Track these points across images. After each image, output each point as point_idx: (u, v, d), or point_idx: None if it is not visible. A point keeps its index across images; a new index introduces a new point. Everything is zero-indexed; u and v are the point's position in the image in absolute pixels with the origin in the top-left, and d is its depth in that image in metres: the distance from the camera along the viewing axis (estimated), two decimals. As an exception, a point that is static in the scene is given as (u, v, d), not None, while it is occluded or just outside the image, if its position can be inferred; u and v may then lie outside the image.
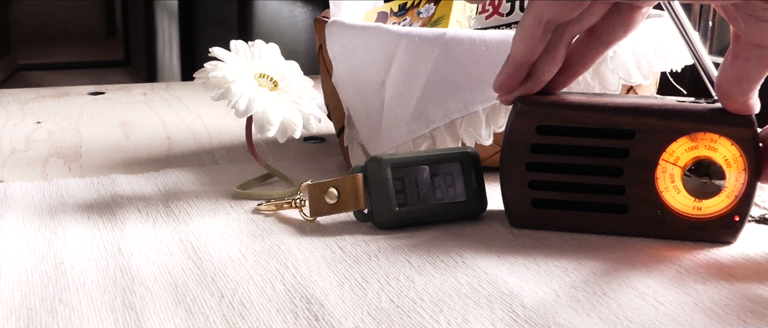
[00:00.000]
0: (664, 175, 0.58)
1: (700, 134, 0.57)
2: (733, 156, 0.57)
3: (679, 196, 0.58)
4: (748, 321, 0.48)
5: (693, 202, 0.58)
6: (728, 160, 0.57)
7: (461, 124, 0.70)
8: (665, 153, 0.58)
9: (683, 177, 0.58)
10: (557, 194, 0.60)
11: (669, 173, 0.58)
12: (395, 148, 0.71)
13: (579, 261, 0.56)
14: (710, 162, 0.57)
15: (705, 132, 0.57)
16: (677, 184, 0.58)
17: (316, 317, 0.48)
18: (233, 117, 0.70)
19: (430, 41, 0.69)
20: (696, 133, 0.57)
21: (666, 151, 0.58)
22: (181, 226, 0.63)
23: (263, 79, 0.72)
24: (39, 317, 0.48)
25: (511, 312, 0.49)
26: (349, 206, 0.62)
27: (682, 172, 0.58)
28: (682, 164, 0.58)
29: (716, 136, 0.57)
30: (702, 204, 0.58)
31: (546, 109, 0.60)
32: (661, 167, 0.58)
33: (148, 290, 0.52)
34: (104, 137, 0.89)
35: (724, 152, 0.57)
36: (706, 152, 0.57)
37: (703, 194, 0.58)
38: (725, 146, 0.57)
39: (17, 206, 0.67)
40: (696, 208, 0.58)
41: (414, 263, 0.56)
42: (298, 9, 2.66)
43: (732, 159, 0.57)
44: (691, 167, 0.57)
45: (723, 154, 0.57)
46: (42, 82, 5.05)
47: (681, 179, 0.58)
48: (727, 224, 0.58)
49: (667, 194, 0.58)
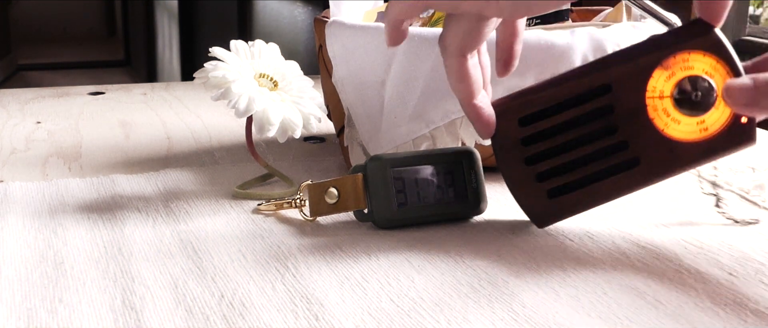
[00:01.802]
0: (656, 112, 0.57)
1: (671, 59, 0.56)
2: (710, 65, 0.56)
3: (681, 125, 0.57)
4: (748, 321, 0.48)
5: (697, 125, 0.57)
6: (708, 70, 0.56)
7: (461, 124, 0.70)
8: (647, 92, 0.57)
9: (675, 106, 0.57)
10: (567, 177, 0.59)
11: (661, 109, 0.57)
12: (395, 148, 0.71)
13: (579, 261, 0.56)
14: (692, 78, 0.56)
15: (674, 55, 0.56)
16: (674, 115, 0.57)
17: (316, 317, 0.48)
18: (233, 117, 0.70)
19: (430, 41, 0.69)
20: (666, 61, 0.56)
21: (647, 90, 0.57)
22: (181, 226, 0.63)
23: (263, 79, 0.72)
24: (39, 317, 0.48)
25: (511, 312, 0.49)
26: (349, 206, 0.62)
27: (672, 101, 0.57)
28: (668, 94, 0.57)
29: (686, 54, 0.56)
30: (705, 122, 0.57)
31: (519, 101, 0.59)
32: (650, 106, 0.57)
33: (148, 290, 0.52)
34: (104, 137, 0.89)
35: (701, 65, 0.56)
36: (684, 72, 0.56)
37: (701, 110, 0.56)
38: (699, 60, 0.56)
39: (17, 206, 0.67)
40: (702, 129, 0.57)
41: (414, 263, 0.56)
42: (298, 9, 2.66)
43: (711, 68, 0.56)
44: (678, 94, 0.57)
45: (701, 68, 0.56)
46: (42, 82, 5.06)
47: (675, 108, 0.57)
48: (739, 130, 0.57)
49: (668, 129, 0.57)
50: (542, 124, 0.59)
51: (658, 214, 0.65)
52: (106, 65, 5.93)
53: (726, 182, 0.72)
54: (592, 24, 0.78)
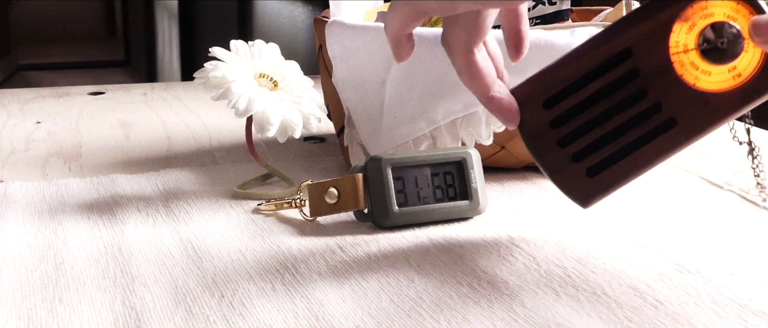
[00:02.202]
0: (684, 68, 0.55)
1: (688, 10, 0.54)
2: (731, 8, 0.54)
3: (713, 76, 0.55)
4: (748, 321, 0.48)
5: (728, 72, 0.54)
6: (730, 14, 0.54)
7: (461, 124, 0.70)
8: (671, 48, 0.55)
9: (702, 56, 0.54)
10: (603, 151, 0.57)
11: (689, 63, 0.55)
12: (395, 148, 0.71)
13: (579, 261, 0.56)
14: (715, 25, 0.54)
15: (691, 5, 0.54)
16: (703, 67, 0.55)
17: (316, 317, 0.48)
18: (233, 117, 0.70)
19: (430, 41, 0.69)
20: (684, 12, 0.54)
21: (670, 46, 0.55)
22: (181, 226, 0.63)
23: (263, 79, 0.72)
24: (39, 317, 0.48)
25: (511, 312, 0.49)
26: (349, 206, 0.62)
27: (698, 53, 0.54)
28: (692, 46, 0.54)
29: (704, 1, 0.54)
30: (737, 68, 0.54)
31: (539, 85, 0.57)
32: (676, 62, 0.55)
33: (148, 290, 0.52)
34: (104, 137, 0.89)
35: (722, 10, 0.54)
36: (705, 21, 0.54)
37: (730, 56, 0.54)
38: (718, 5, 0.54)
39: (17, 206, 0.67)
40: (735, 76, 0.54)
41: (414, 263, 0.56)
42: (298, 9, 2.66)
43: (733, 11, 0.54)
44: (703, 44, 0.54)
45: (722, 12, 0.54)
46: (42, 82, 5.05)
47: (703, 60, 0.54)
48: None
49: (700, 82, 0.55)
50: (568, 103, 0.56)
51: (658, 214, 0.65)
52: (106, 65, 5.93)
53: (726, 182, 0.72)
54: (592, 24, 0.78)
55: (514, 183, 0.72)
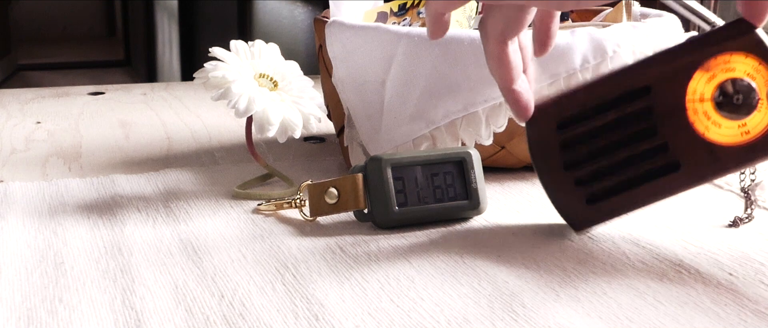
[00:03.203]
0: (697, 115, 0.56)
1: (711, 61, 0.55)
2: (753, 67, 0.55)
3: (722, 129, 0.56)
4: (748, 321, 0.48)
5: (738, 128, 0.56)
6: (750, 72, 0.55)
7: (461, 124, 0.70)
8: (687, 94, 0.56)
9: (716, 108, 0.55)
10: (606, 182, 0.58)
11: (702, 112, 0.56)
12: (395, 148, 0.71)
13: (579, 261, 0.56)
14: (734, 81, 0.55)
15: (715, 57, 0.55)
16: (715, 118, 0.56)
17: (317, 316, 0.48)
18: (233, 117, 0.70)
19: (430, 41, 0.69)
20: (707, 62, 0.55)
21: (687, 92, 0.56)
22: (181, 226, 0.63)
23: (263, 79, 0.72)
24: (39, 317, 0.48)
25: (511, 312, 0.49)
26: (349, 206, 0.62)
27: (712, 104, 0.56)
28: (709, 97, 0.56)
29: (728, 56, 0.55)
30: (747, 125, 0.55)
31: (558, 105, 0.58)
32: (690, 109, 0.56)
33: (148, 290, 0.52)
34: (104, 137, 0.89)
35: (743, 67, 0.55)
36: (726, 75, 0.55)
37: (743, 113, 0.55)
38: (741, 61, 0.55)
39: (17, 206, 0.67)
40: (744, 132, 0.56)
41: (414, 263, 0.56)
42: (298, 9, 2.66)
43: (753, 70, 0.55)
44: (719, 96, 0.55)
45: (743, 70, 0.55)
46: (42, 82, 5.05)
47: (716, 111, 0.56)
48: None
49: (709, 132, 0.56)
50: (581, 128, 0.58)
51: (658, 214, 0.65)
52: (106, 65, 5.93)
53: (726, 182, 0.72)
54: (592, 24, 0.78)
55: (514, 183, 0.72)
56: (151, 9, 5.26)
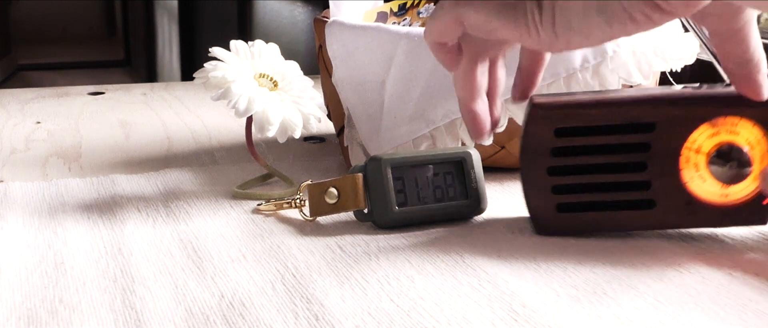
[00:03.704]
0: (688, 164, 0.57)
1: (721, 119, 0.56)
2: (756, 138, 0.56)
3: (706, 184, 0.57)
4: (748, 321, 0.48)
5: (720, 189, 0.57)
6: (751, 142, 0.56)
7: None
8: (687, 142, 0.57)
9: (708, 165, 0.57)
10: (582, 196, 0.59)
11: (693, 163, 0.57)
12: (395, 148, 0.71)
13: (579, 261, 0.56)
14: (734, 147, 0.56)
15: (725, 116, 0.56)
16: (702, 172, 0.57)
17: (317, 316, 0.48)
18: (233, 117, 0.70)
19: (430, 41, 0.69)
20: (716, 119, 0.56)
21: (688, 141, 0.57)
22: (181, 226, 0.63)
23: (263, 79, 0.72)
24: (39, 317, 0.48)
25: (511, 312, 0.49)
26: (349, 206, 0.62)
27: (706, 160, 0.57)
28: (705, 151, 0.57)
29: (737, 119, 0.56)
30: (729, 190, 0.57)
31: (564, 111, 0.58)
32: (684, 156, 0.57)
33: (148, 290, 0.52)
34: (104, 137, 0.89)
35: (747, 135, 0.56)
36: (729, 137, 0.56)
37: (730, 179, 0.56)
38: (747, 129, 0.56)
39: (17, 206, 0.67)
40: (723, 195, 0.57)
41: (414, 263, 0.56)
42: (298, 9, 2.66)
43: (755, 141, 0.56)
44: (715, 154, 0.56)
45: (745, 137, 0.56)
46: (42, 82, 5.05)
47: (706, 167, 0.57)
48: (756, 209, 0.57)
49: (693, 183, 0.57)
50: (578, 141, 0.58)
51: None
52: (106, 65, 5.93)
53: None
54: (592, 24, 0.78)
55: (514, 183, 0.72)
56: (151, 9, 5.26)
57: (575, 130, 0.58)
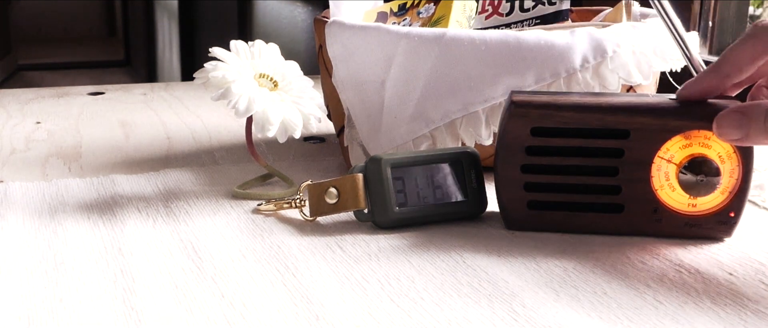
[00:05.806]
0: (659, 173, 0.58)
1: (694, 132, 0.57)
2: (727, 152, 0.57)
3: (674, 194, 0.58)
4: (748, 321, 0.48)
5: (688, 199, 0.58)
6: (722, 156, 0.57)
7: (461, 124, 0.70)
8: (660, 151, 0.58)
9: (678, 175, 0.58)
10: (553, 196, 0.60)
11: (664, 171, 0.58)
12: (395, 148, 0.71)
13: (579, 261, 0.56)
14: (705, 159, 0.57)
15: (699, 129, 0.57)
16: (672, 182, 0.58)
17: (317, 316, 0.48)
18: (233, 117, 0.70)
19: (430, 41, 0.69)
20: (690, 131, 0.57)
21: (661, 150, 0.58)
22: (181, 226, 0.63)
23: (263, 79, 0.72)
24: (39, 317, 0.48)
25: (511, 312, 0.49)
26: (349, 206, 0.62)
27: (677, 170, 0.58)
28: (677, 161, 0.58)
29: (710, 133, 0.57)
30: (697, 201, 0.58)
31: (541, 111, 0.59)
32: (656, 165, 0.58)
33: (148, 290, 0.52)
34: (104, 137, 0.89)
35: (718, 149, 0.57)
36: (701, 149, 0.57)
37: (698, 191, 0.58)
38: (719, 143, 0.57)
39: (17, 206, 0.67)
40: (691, 205, 0.59)
41: (414, 263, 0.56)
42: (298, 9, 2.66)
43: (726, 155, 0.57)
44: (685, 165, 0.57)
45: (717, 151, 0.57)
46: (42, 82, 5.05)
47: (676, 177, 0.58)
48: (723, 221, 0.58)
49: (662, 192, 0.59)
50: (553, 141, 0.59)
51: (658, 214, 0.65)
52: (106, 65, 5.93)
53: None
54: (592, 24, 0.78)
55: (514, 183, 0.72)
56: (151, 9, 5.27)
57: (551, 131, 0.59)
